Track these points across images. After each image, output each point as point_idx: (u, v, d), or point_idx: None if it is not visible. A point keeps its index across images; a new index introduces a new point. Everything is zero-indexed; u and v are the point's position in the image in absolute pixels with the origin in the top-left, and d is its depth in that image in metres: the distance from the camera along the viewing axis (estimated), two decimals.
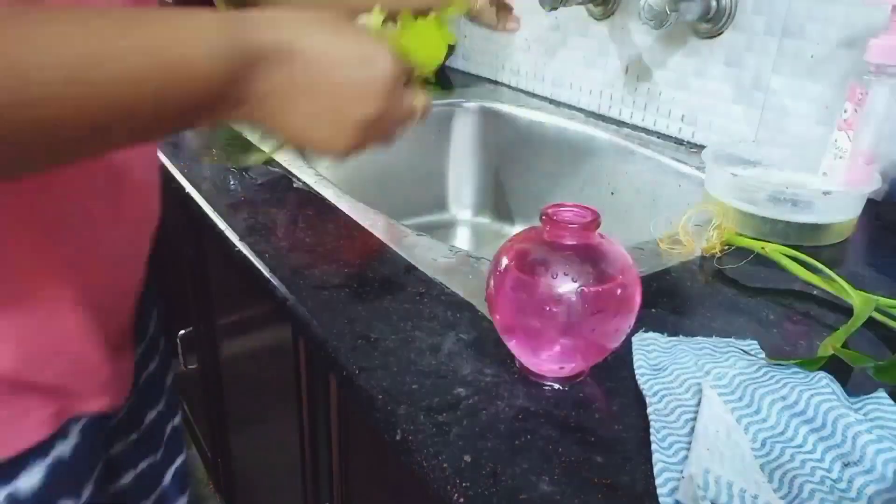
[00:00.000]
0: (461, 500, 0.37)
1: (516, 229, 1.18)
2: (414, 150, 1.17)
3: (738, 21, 0.88)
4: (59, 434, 0.48)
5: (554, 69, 1.18)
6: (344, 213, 0.71)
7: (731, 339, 0.51)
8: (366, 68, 0.40)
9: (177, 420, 0.72)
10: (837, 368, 0.46)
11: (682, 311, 0.56)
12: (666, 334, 0.51)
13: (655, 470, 0.38)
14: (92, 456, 0.53)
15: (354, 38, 0.41)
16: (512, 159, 1.17)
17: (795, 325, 0.55)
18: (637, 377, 0.46)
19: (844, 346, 0.49)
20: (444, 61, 1.41)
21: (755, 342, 0.51)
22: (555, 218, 0.43)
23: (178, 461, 0.71)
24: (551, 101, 1.19)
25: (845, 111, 0.70)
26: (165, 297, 0.71)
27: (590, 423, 0.43)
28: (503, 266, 0.44)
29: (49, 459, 0.48)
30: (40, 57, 0.31)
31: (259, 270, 0.60)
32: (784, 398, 0.43)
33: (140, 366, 0.65)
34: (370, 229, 0.68)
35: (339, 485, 0.71)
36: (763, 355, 0.49)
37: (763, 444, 0.41)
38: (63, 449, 0.49)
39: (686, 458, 0.39)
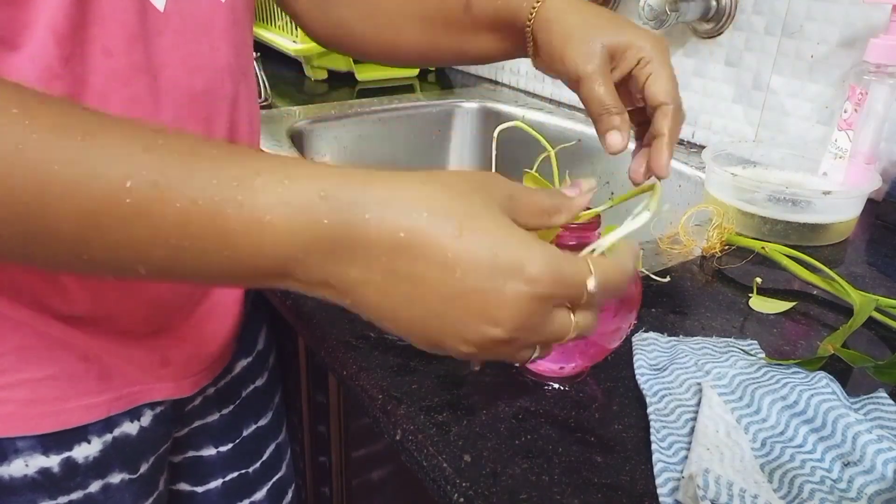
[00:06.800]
0: (461, 500, 0.37)
1: None
2: (414, 150, 1.17)
3: (738, 21, 0.88)
4: (131, 414, 0.52)
5: None
6: None
7: (731, 339, 0.51)
8: (500, 279, 0.29)
9: (281, 437, 0.72)
10: (837, 368, 0.46)
11: (682, 311, 0.56)
12: (666, 334, 0.51)
13: (655, 470, 0.38)
14: (157, 438, 0.56)
15: (495, 234, 0.30)
16: (512, 159, 1.17)
17: (795, 325, 0.55)
18: (637, 377, 0.46)
19: (844, 346, 0.49)
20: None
21: (755, 342, 0.51)
22: None
23: (276, 478, 0.72)
24: (551, 101, 1.19)
25: (845, 111, 0.70)
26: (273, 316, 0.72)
27: (590, 423, 0.43)
28: None
29: (113, 434, 0.51)
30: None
31: None
32: (784, 398, 0.43)
33: (245, 378, 0.66)
34: None
35: (340, 485, 0.71)
36: (763, 355, 0.49)
37: (763, 444, 0.41)
38: (130, 428, 0.52)
39: (686, 458, 0.39)
